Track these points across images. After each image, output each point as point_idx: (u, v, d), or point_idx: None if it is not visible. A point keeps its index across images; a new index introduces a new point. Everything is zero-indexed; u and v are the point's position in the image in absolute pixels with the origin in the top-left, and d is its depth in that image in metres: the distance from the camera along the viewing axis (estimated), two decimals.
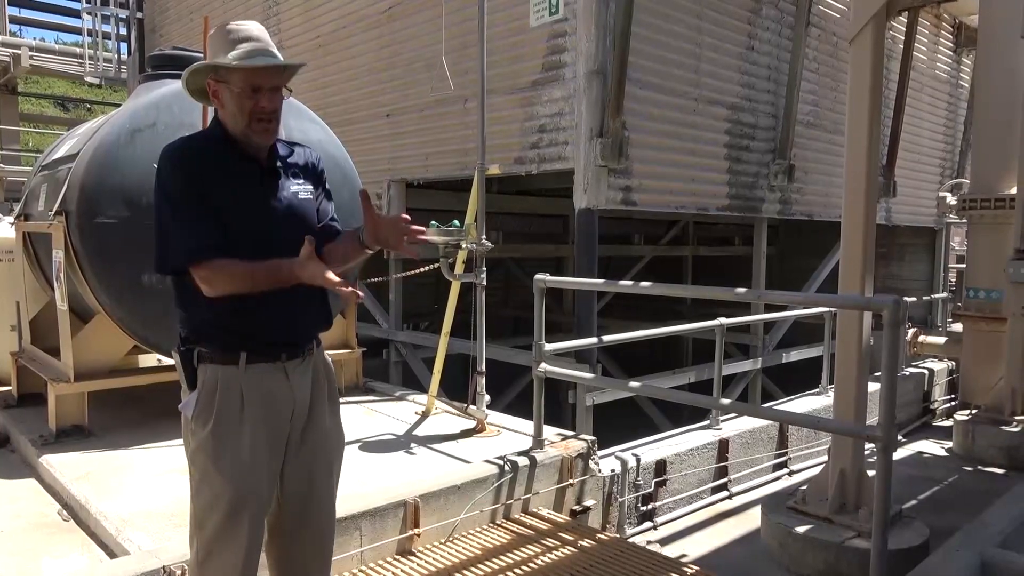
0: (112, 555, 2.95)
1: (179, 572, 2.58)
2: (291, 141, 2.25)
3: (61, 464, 3.76)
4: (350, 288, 1.90)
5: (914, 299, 8.82)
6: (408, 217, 2.01)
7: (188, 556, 2.13)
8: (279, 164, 2.14)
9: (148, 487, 3.48)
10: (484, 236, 4.43)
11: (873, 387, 4.70)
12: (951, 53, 10.73)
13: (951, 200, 8.81)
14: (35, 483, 3.82)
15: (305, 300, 2.13)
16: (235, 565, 2.02)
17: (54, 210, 4.19)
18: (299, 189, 2.15)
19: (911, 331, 8.31)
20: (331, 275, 1.90)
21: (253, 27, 2.06)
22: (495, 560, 3.28)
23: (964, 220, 7.32)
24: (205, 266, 1.95)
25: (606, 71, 5.78)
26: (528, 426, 4.35)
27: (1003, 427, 6.20)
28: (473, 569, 3.19)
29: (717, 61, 6.91)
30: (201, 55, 4.28)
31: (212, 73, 2.03)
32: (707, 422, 5.46)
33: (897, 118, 8.62)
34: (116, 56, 14.49)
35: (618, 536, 4.15)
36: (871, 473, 3.74)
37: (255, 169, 2.09)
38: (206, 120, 4.02)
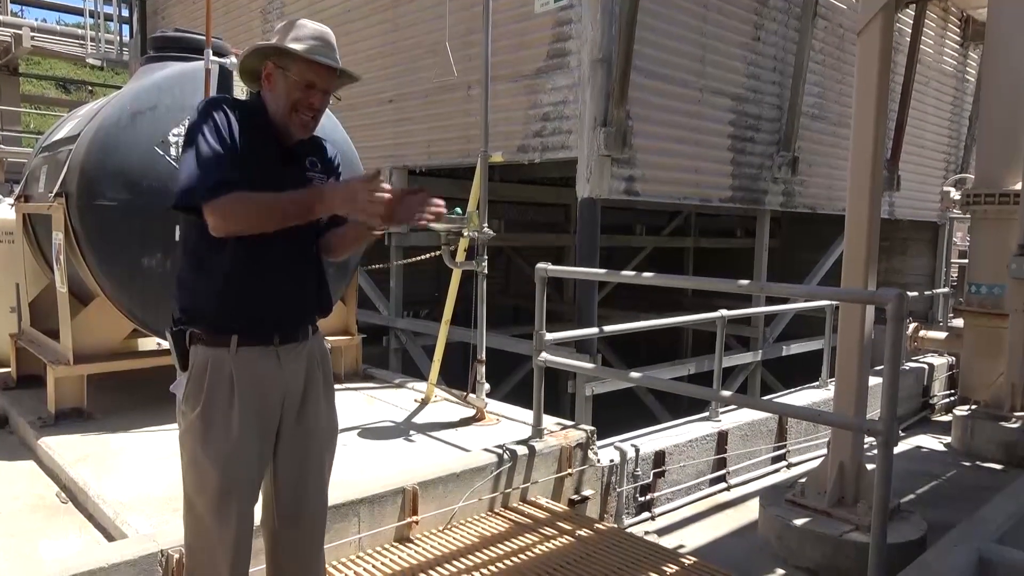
0: (110, 538, 2.95)
1: (177, 556, 2.58)
2: (318, 136, 2.25)
3: (60, 446, 3.76)
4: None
5: (915, 294, 8.80)
6: (426, 190, 1.98)
7: (184, 540, 2.14)
8: (301, 150, 2.15)
9: (147, 471, 3.48)
10: (486, 224, 4.41)
11: (873, 381, 4.69)
12: (958, 47, 10.66)
13: (955, 195, 8.77)
14: (34, 465, 3.82)
15: (300, 283, 2.13)
16: (225, 549, 2.02)
17: (54, 192, 4.17)
18: (313, 175, 2.15)
19: (912, 326, 8.29)
20: (374, 188, 1.83)
21: (325, 29, 2.09)
22: (493, 548, 3.28)
23: (967, 215, 7.29)
24: (224, 198, 1.86)
25: (611, 59, 5.73)
26: (527, 415, 4.35)
27: (1002, 423, 6.20)
28: (471, 557, 3.20)
29: (723, 51, 6.86)
30: (203, 37, 4.25)
31: (274, 57, 2.04)
32: (706, 414, 5.46)
33: (902, 111, 8.57)
34: (118, 38, 14.42)
35: (616, 526, 4.16)
36: (870, 467, 3.74)
37: (278, 147, 2.10)
38: None
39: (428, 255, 5.38)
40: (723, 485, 5.19)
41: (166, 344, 2.21)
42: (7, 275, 5.38)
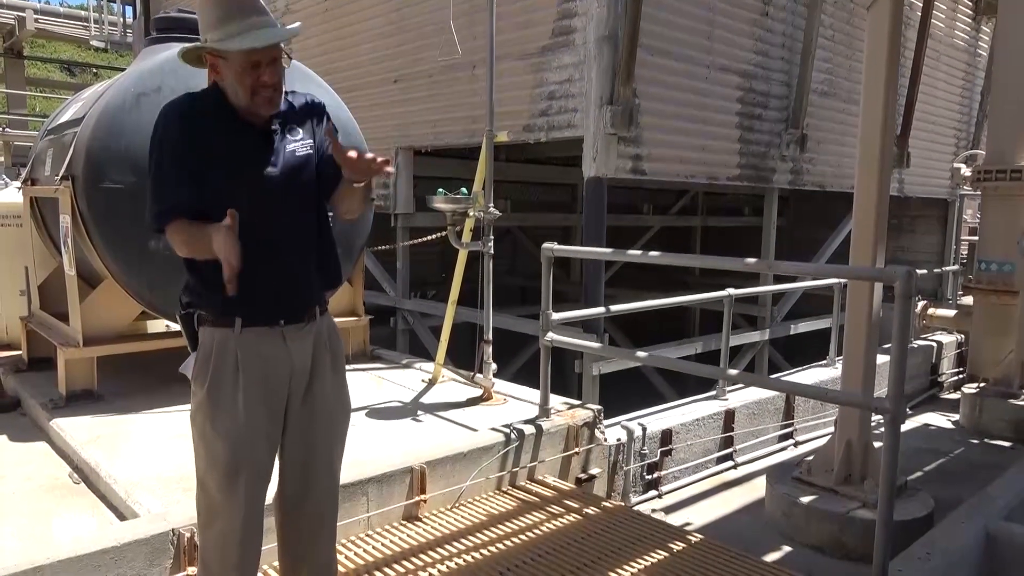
0: (122, 517, 2.98)
1: (188, 535, 2.61)
2: (289, 91, 2.18)
3: (71, 428, 3.80)
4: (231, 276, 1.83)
5: (924, 271, 8.75)
6: (368, 156, 1.99)
7: (196, 519, 2.16)
8: (277, 123, 2.10)
9: (157, 451, 3.51)
10: (492, 204, 4.39)
11: (882, 359, 4.68)
12: (970, 21, 10.50)
13: (965, 171, 8.69)
14: (46, 446, 3.86)
15: (303, 263, 2.13)
16: (234, 527, 2.05)
17: (60, 175, 4.18)
18: (297, 146, 2.11)
19: (920, 303, 8.26)
20: (227, 247, 1.80)
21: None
22: (500, 526, 3.31)
23: (978, 192, 7.23)
24: (167, 228, 1.98)
25: (617, 37, 5.67)
26: (534, 395, 4.36)
27: (1011, 400, 6.19)
28: (479, 535, 3.22)
29: (730, 27, 6.77)
30: None
31: (209, 47, 2.00)
32: (713, 392, 5.46)
33: (912, 87, 8.46)
34: (121, 19, 14.35)
35: (623, 504, 4.18)
36: (877, 444, 3.74)
37: (253, 128, 2.07)
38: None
39: (434, 236, 5.37)
40: (730, 463, 5.21)
41: (175, 326, 2.23)
42: (16, 258, 5.40)
